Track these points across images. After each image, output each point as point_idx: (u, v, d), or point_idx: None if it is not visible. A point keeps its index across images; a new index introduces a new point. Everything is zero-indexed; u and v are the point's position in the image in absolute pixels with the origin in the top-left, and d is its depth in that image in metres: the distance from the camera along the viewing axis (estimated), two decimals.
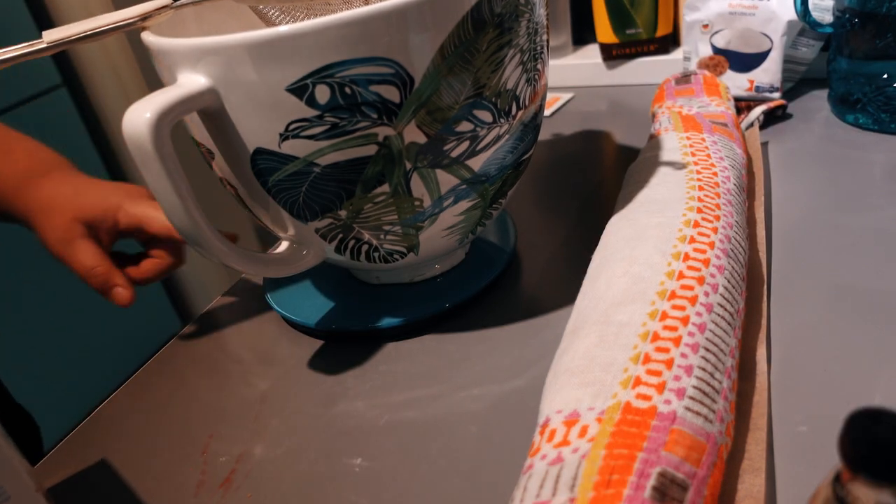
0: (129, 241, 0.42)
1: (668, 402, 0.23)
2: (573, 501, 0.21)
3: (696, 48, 0.58)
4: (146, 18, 0.31)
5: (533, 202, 0.48)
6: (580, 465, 0.22)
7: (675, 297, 0.27)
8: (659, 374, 0.24)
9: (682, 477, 0.21)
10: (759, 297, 0.33)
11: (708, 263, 0.29)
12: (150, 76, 1.03)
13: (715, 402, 0.24)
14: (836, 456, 0.26)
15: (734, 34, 0.55)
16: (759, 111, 0.51)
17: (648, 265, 0.29)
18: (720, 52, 0.56)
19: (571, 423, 0.23)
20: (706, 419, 0.23)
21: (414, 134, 0.30)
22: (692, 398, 0.24)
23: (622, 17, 0.64)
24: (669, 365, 0.24)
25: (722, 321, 0.27)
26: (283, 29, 0.26)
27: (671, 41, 0.67)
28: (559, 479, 0.21)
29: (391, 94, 0.28)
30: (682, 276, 0.28)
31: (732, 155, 0.39)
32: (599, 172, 0.51)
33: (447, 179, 0.32)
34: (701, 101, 0.46)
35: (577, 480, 0.21)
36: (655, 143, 0.41)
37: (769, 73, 0.54)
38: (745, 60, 0.55)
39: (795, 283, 0.35)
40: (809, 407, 0.28)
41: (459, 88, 0.30)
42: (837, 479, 0.16)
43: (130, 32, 0.31)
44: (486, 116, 0.31)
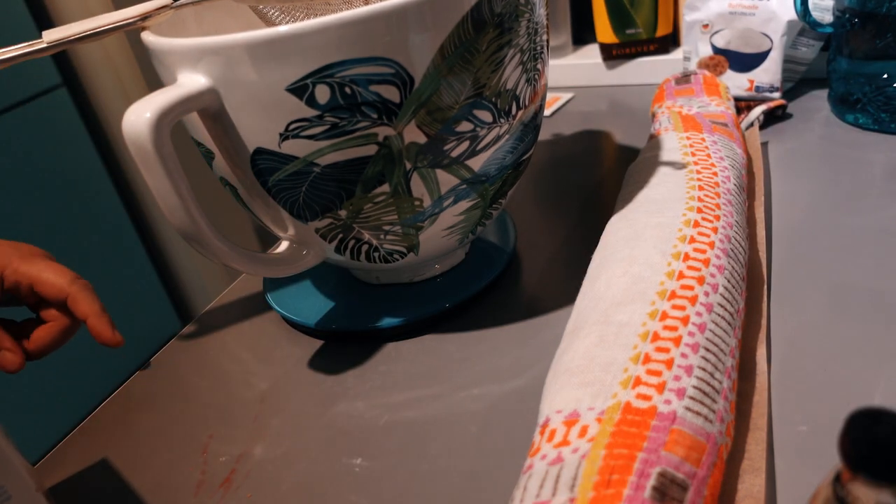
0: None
1: (668, 402, 0.23)
2: (573, 501, 0.21)
3: (696, 48, 0.58)
4: (146, 18, 0.31)
5: (533, 202, 0.48)
6: (580, 465, 0.22)
7: (675, 296, 0.27)
8: (659, 374, 0.24)
9: (682, 477, 0.21)
10: (759, 297, 0.33)
11: (708, 263, 0.29)
12: (150, 76, 1.03)
13: (715, 402, 0.24)
14: (836, 456, 0.26)
15: (734, 34, 0.55)
16: (759, 111, 0.51)
17: (648, 265, 0.29)
18: (720, 52, 0.56)
19: (571, 423, 0.23)
20: (706, 419, 0.23)
21: (414, 134, 0.30)
22: (692, 398, 0.24)
23: (622, 17, 0.64)
24: (669, 365, 0.24)
25: (722, 321, 0.27)
26: (282, 29, 0.26)
27: (671, 41, 0.66)
28: (559, 479, 0.21)
29: (391, 94, 0.28)
30: (682, 275, 0.28)
31: (732, 155, 0.39)
32: (599, 172, 0.51)
33: (447, 179, 0.32)
34: (701, 101, 0.46)
35: (577, 480, 0.21)
36: (655, 142, 0.41)
37: (769, 73, 0.54)
38: (745, 60, 0.55)
39: (795, 283, 0.35)
40: (809, 407, 0.28)
41: (459, 88, 0.30)
42: (837, 479, 0.16)
43: (130, 32, 0.31)
44: (486, 116, 0.31)
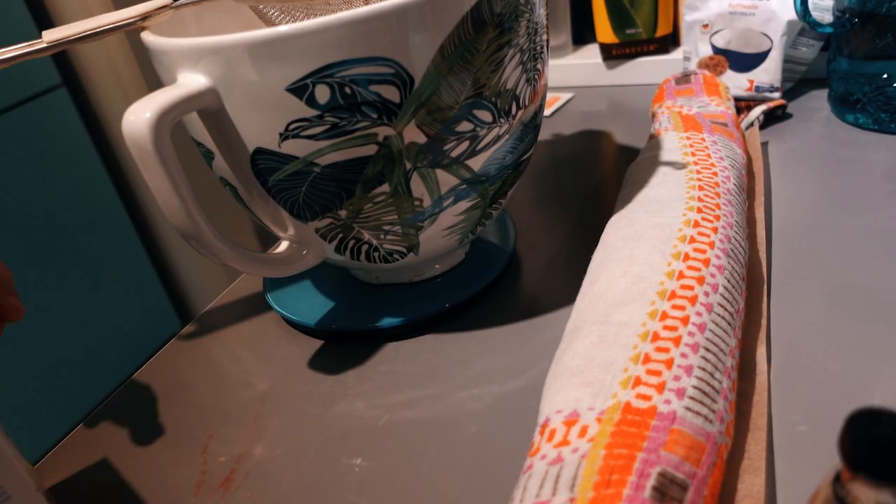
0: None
1: (667, 401, 0.23)
2: (573, 501, 0.21)
3: (696, 48, 0.58)
4: (146, 18, 0.31)
5: (533, 202, 0.48)
6: (580, 465, 0.22)
7: (674, 296, 0.27)
8: (659, 373, 0.24)
9: (681, 477, 0.21)
10: (759, 297, 0.33)
11: (708, 263, 0.29)
12: (150, 76, 1.03)
13: (715, 401, 0.24)
14: (836, 456, 0.26)
15: (734, 34, 0.55)
16: (759, 111, 0.51)
17: (648, 265, 0.29)
18: (720, 51, 0.56)
19: (571, 422, 0.23)
20: (706, 419, 0.23)
21: (414, 134, 0.30)
22: (692, 398, 0.24)
23: (622, 16, 0.64)
24: (669, 365, 0.24)
25: (722, 321, 0.27)
26: (283, 29, 0.26)
27: (671, 41, 0.66)
28: (559, 479, 0.21)
29: (391, 93, 0.28)
30: (682, 275, 0.28)
31: (732, 155, 0.39)
32: (599, 172, 0.51)
33: (447, 179, 0.32)
34: (701, 100, 0.46)
35: (576, 480, 0.21)
36: (655, 143, 0.41)
37: (769, 73, 0.54)
38: (745, 60, 0.55)
39: (795, 283, 0.35)
40: (809, 407, 0.28)
41: (459, 88, 0.30)
42: (837, 479, 0.16)
43: (130, 32, 0.31)
44: (486, 116, 0.31)
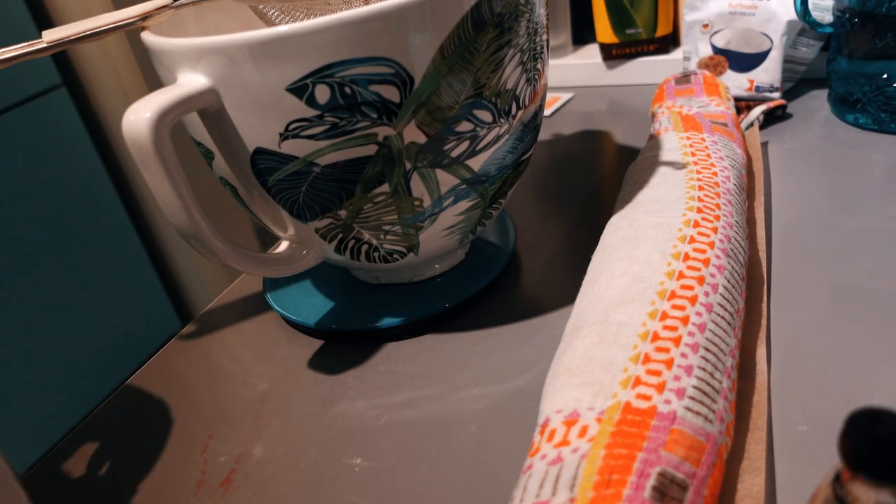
0: None
1: (667, 401, 0.23)
2: (573, 501, 0.21)
3: (696, 48, 0.58)
4: (146, 18, 0.31)
5: (533, 202, 0.48)
6: (580, 465, 0.22)
7: (674, 296, 0.27)
8: (659, 373, 0.24)
9: (681, 477, 0.21)
10: (759, 297, 0.33)
11: (708, 263, 0.29)
12: (150, 76, 1.03)
13: (715, 401, 0.24)
14: (836, 456, 0.26)
15: (734, 34, 0.55)
16: (759, 111, 0.51)
17: (648, 265, 0.29)
18: (720, 51, 0.56)
19: (571, 423, 0.23)
20: (706, 419, 0.23)
21: (414, 134, 0.30)
22: (692, 398, 0.24)
23: (622, 16, 0.64)
24: (669, 365, 0.24)
25: (722, 321, 0.27)
26: (282, 29, 0.26)
27: (671, 41, 0.67)
28: (559, 479, 0.21)
29: (391, 93, 0.28)
30: (681, 275, 0.28)
31: (732, 155, 0.39)
32: (599, 172, 0.51)
33: (447, 179, 0.32)
34: (701, 100, 0.46)
35: (576, 480, 0.21)
36: (655, 142, 0.41)
37: (769, 73, 0.54)
38: (745, 60, 0.55)
39: (795, 283, 0.35)
40: (809, 407, 0.28)
41: (459, 88, 0.30)
42: (837, 479, 0.16)
43: (130, 32, 0.31)
44: (486, 116, 0.31)
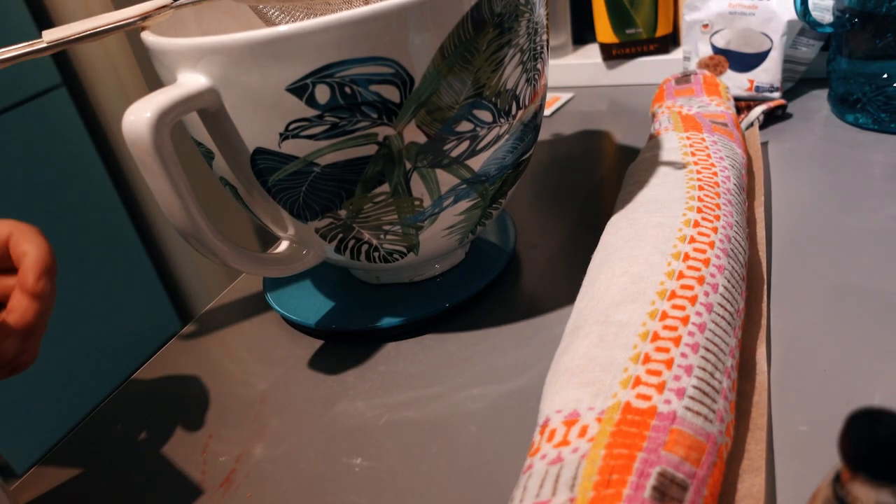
0: None
1: (668, 401, 0.23)
2: (573, 501, 0.21)
3: (696, 48, 0.58)
4: (146, 18, 0.31)
5: (533, 202, 0.48)
6: (580, 464, 0.22)
7: (674, 296, 0.27)
8: (659, 373, 0.24)
9: (681, 477, 0.21)
10: (759, 297, 0.33)
11: (708, 263, 0.29)
12: (150, 76, 1.03)
13: (715, 401, 0.24)
14: (836, 456, 0.26)
15: (734, 34, 0.55)
16: (759, 111, 0.51)
17: (648, 265, 0.29)
18: (720, 51, 0.56)
19: (571, 422, 0.23)
20: (706, 419, 0.23)
21: (414, 134, 0.30)
22: (692, 398, 0.24)
23: (622, 16, 0.64)
24: (669, 365, 0.24)
25: (722, 321, 0.27)
26: (282, 29, 0.26)
27: (671, 41, 0.66)
28: (559, 478, 0.21)
29: (391, 93, 0.28)
30: (681, 275, 0.28)
31: (732, 155, 0.39)
32: (599, 172, 0.51)
33: (447, 179, 0.32)
34: (701, 100, 0.46)
35: (576, 480, 0.21)
36: (655, 142, 0.41)
37: (769, 72, 0.54)
38: (745, 60, 0.55)
39: (795, 283, 0.35)
40: (809, 407, 0.28)
41: (459, 88, 0.30)
42: (837, 478, 0.16)
43: (130, 32, 0.31)
44: (486, 116, 0.31)
